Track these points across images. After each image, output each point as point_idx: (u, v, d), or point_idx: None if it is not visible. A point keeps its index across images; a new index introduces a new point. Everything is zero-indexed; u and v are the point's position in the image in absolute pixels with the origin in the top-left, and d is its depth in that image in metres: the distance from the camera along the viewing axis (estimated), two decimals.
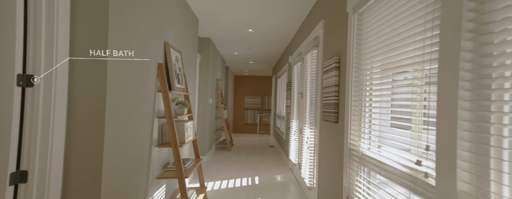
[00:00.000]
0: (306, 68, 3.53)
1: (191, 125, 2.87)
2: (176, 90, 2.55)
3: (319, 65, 2.82)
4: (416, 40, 1.18)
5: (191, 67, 3.63)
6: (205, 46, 5.11)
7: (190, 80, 3.57)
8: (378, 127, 1.63)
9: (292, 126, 4.45)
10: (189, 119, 3.08)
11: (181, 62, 2.89)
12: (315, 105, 2.96)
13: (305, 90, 3.56)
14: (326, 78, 2.41)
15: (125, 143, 1.76)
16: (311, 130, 3.05)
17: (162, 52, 2.41)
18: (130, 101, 1.80)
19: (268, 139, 8.67)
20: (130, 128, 1.82)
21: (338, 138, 2.14)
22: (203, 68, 5.11)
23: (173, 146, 2.30)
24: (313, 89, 3.13)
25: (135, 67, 1.85)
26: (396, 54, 1.36)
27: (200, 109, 5.09)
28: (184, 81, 2.94)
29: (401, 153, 1.31)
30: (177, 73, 2.68)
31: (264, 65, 8.47)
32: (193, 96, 3.89)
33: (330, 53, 2.43)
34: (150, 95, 2.16)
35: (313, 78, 3.08)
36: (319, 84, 2.76)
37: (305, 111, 3.52)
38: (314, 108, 3.06)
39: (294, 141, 4.14)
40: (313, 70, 3.06)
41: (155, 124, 2.32)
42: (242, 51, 6.37)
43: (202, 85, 5.11)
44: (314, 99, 3.10)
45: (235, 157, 5.59)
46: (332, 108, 2.21)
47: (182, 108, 2.67)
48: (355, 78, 1.84)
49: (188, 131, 2.66)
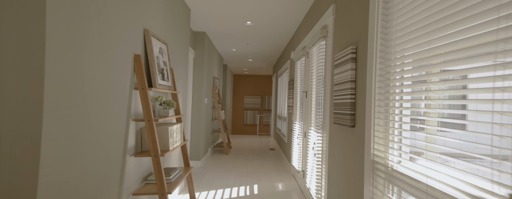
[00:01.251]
0: (311, 64, 3.12)
1: (179, 129, 2.46)
2: (160, 88, 2.15)
3: (328, 59, 2.41)
4: (500, 16, 0.77)
5: (181, 62, 3.22)
6: (199, 41, 4.71)
7: (180, 77, 3.16)
8: (413, 134, 1.22)
9: (294, 128, 4.04)
10: (177, 122, 2.67)
11: (167, 55, 2.48)
12: (323, 105, 2.55)
13: (310, 88, 3.15)
14: (338, 73, 2.00)
15: (82, 155, 1.35)
16: (318, 134, 2.64)
17: (140, 41, 2.00)
18: (88, 100, 1.39)
19: (268, 141, 8.27)
20: (90, 135, 1.41)
21: (355, 146, 1.72)
22: (197, 65, 4.70)
23: (152, 155, 1.89)
24: (319, 86, 2.72)
25: (97, 56, 1.44)
26: (461, 37, 0.94)
27: (194, 109, 4.69)
28: (171, 77, 2.53)
29: (468, 177, 0.90)
30: (161, 68, 2.28)
31: (264, 63, 8.07)
32: (185, 95, 3.48)
33: (344, 43, 2.02)
34: (123, 93, 1.75)
35: (320, 74, 2.68)
36: (328, 81, 2.35)
37: (310, 112, 3.11)
38: (321, 109, 2.65)
39: (297, 145, 3.73)
40: (320, 65, 2.65)
41: (132, 128, 1.91)
42: (240, 48, 5.96)
43: (197, 83, 4.70)
44: (321, 98, 2.69)
45: (232, 162, 5.18)
46: (346, 109, 1.80)
47: (167, 109, 2.26)
48: (381, 70, 1.43)
49: (174, 136, 2.25)
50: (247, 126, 11.11)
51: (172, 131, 2.20)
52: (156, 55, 2.19)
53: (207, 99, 5.17)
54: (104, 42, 1.51)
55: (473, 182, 0.86)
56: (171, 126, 2.21)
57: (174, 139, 2.26)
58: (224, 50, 6.35)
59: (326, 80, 2.47)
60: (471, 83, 0.86)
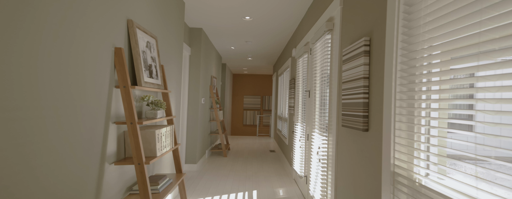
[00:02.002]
0: (315, 61, 2.88)
1: (169, 132, 2.22)
2: (146, 86, 1.91)
3: (334, 54, 2.17)
4: None
5: (174, 59, 2.98)
6: (196, 38, 4.47)
7: (173, 75, 2.92)
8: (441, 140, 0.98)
9: (296, 130, 3.80)
10: (169, 124, 2.44)
11: (156, 50, 2.25)
12: (329, 105, 2.31)
13: (313, 88, 2.91)
14: (347, 69, 1.76)
15: (40, 168, 1.11)
16: (323, 137, 2.40)
17: (123, 33, 1.76)
18: (49, 100, 1.16)
19: (268, 142, 8.03)
20: (55, 142, 1.17)
21: (369, 153, 1.49)
22: (194, 63, 4.46)
23: (136, 162, 1.65)
24: (324, 85, 2.48)
25: (60, 47, 1.20)
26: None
27: (190, 110, 4.45)
28: (161, 75, 2.30)
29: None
30: (148, 64, 2.04)
31: (264, 61, 7.83)
32: (178, 94, 3.24)
33: (354, 35, 1.78)
34: (100, 92, 1.52)
35: (325, 71, 2.44)
36: (334, 79, 2.12)
37: (313, 113, 2.87)
38: (327, 110, 2.41)
39: (299, 148, 3.49)
40: (325, 61, 2.41)
41: (112, 132, 1.67)
42: (239, 45, 5.72)
43: (193, 82, 4.46)
44: (326, 98, 2.45)
45: (231, 165, 4.94)
46: (358, 110, 1.56)
47: (155, 110, 2.02)
48: (403, 64, 1.19)
49: (162, 140, 2.01)
50: (247, 126, 10.88)
51: (160, 134, 1.96)
52: (142, 50, 1.95)
53: (204, 99, 4.93)
54: (71, 31, 1.27)
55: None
56: (160, 129, 1.97)
57: (163, 144, 2.02)
58: (222, 48, 6.11)
59: (332, 77, 2.23)
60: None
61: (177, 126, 3.20)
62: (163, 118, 2.12)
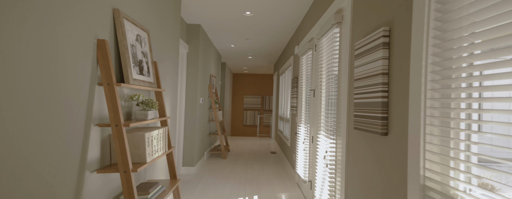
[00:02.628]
0: (320, 57, 2.68)
1: (162, 134, 2.02)
2: (136, 84, 1.71)
3: (343, 49, 1.97)
4: None
5: (170, 56, 2.78)
6: (194, 35, 4.27)
7: (168, 72, 2.72)
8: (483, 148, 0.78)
9: (299, 132, 3.60)
10: (162, 125, 2.24)
11: (148, 45, 2.05)
12: (337, 105, 2.11)
13: (319, 86, 2.71)
14: (361, 65, 1.56)
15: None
16: (331, 140, 2.20)
17: (108, 23, 1.56)
18: (17, 99, 0.96)
19: (269, 143, 7.83)
20: (15, 150, 0.97)
21: (390, 160, 1.28)
22: (191, 61, 4.26)
23: (121, 170, 1.45)
24: (331, 84, 2.28)
25: (32, 39, 1.00)
26: None
27: (188, 110, 4.25)
28: (153, 72, 2.10)
29: None
30: (138, 59, 1.84)
31: (264, 60, 7.64)
32: (174, 94, 3.04)
33: (368, 26, 1.58)
34: (79, 90, 1.32)
35: (332, 68, 2.24)
36: (344, 76, 1.92)
37: (319, 113, 2.67)
38: (335, 110, 2.21)
39: (303, 151, 3.29)
40: (333, 57, 2.21)
41: (95, 136, 1.47)
42: (239, 43, 5.52)
43: (191, 81, 4.26)
44: (333, 98, 2.25)
45: (230, 167, 4.74)
46: (375, 110, 1.36)
47: (146, 110, 1.82)
48: (435, 56, 0.99)
49: (154, 144, 1.81)
50: (247, 127, 10.69)
51: (151, 138, 1.76)
52: (131, 43, 1.75)
53: (203, 98, 4.74)
54: (45, 19, 1.07)
55: None
56: (151, 132, 1.76)
57: (154, 148, 1.82)
58: (221, 47, 5.92)
59: (341, 75, 2.03)
60: None
61: (172, 127, 3.00)
62: (156, 119, 1.92)
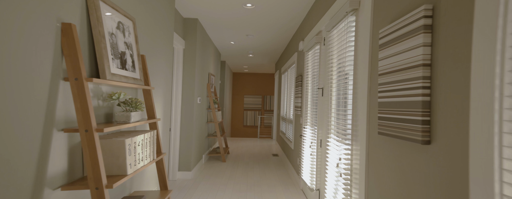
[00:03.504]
0: (330, 52, 2.39)
1: (149, 140, 1.73)
2: (115, 79, 1.42)
3: (361, 40, 1.68)
4: None
5: (161, 50, 2.50)
6: (191, 30, 3.98)
7: (159, 69, 2.43)
8: None
9: (305, 134, 3.31)
10: (151, 129, 1.95)
11: (133, 36, 1.76)
12: (353, 106, 1.82)
13: (328, 84, 2.42)
14: (389, 56, 1.27)
15: None
16: (345, 146, 1.91)
17: (79, 5, 1.27)
18: None
19: (271, 144, 7.54)
20: None
21: (435, 178, 0.99)
22: (188, 58, 3.97)
23: (92, 187, 1.16)
24: (343, 81, 1.99)
25: None
26: None
27: (184, 110, 3.96)
28: (139, 67, 1.81)
29: None
30: (120, 51, 1.55)
31: (265, 59, 7.35)
32: (168, 93, 2.76)
33: (398, 8, 1.29)
34: (35, 87, 1.03)
35: (346, 63, 1.95)
36: (362, 71, 1.63)
37: (328, 114, 2.38)
38: (349, 111, 1.92)
39: (310, 156, 3.00)
40: (347, 50, 1.92)
41: (59, 143, 1.18)
42: (239, 40, 5.23)
43: (187, 79, 3.97)
44: (348, 97, 1.96)
45: (230, 171, 4.45)
46: (412, 112, 1.07)
47: (128, 112, 1.53)
48: None
49: (137, 152, 1.52)
50: (247, 127, 10.40)
51: (133, 145, 1.46)
52: (110, 31, 1.46)
53: (200, 98, 4.45)
54: None
55: None
56: (134, 137, 1.47)
57: (138, 156, 1.53)
58: (221, 44, 5.63)
59: (358, 70, 1.74)
60: None
61: (164, 130, 2.71)
62: (142, 121, 1.64)
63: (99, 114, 1.47)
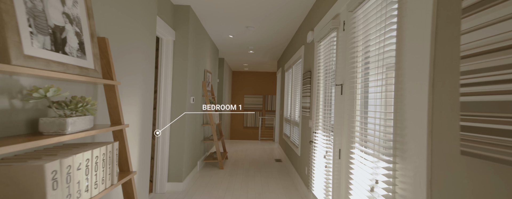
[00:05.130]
0: (354, 37, 1.86)
1: (106, 157, 1.19)
2: (32, 65, 0.88)
3: (415, 11, 1.14)
4: None
5: (139, 38, 1.96)
6: (182, 19, 3.44)
7: (135, 61, 1.90)
8: None
9: (316, 141, 2.78)
10: (116, 138, 1.42)
11: (84, 6, 1.23)
12: (397, 108, 1.28)
13: (351, 79, 1.88)
14: (486, 25, 0.73)
15: None
16: (385, 164, 1.38)
17: None
18: None
19: (273, 148, 7.00)
20: None
21: None
22: (179, 51, 3.44)
23: None
24: (376, 74, 1.45)
25: None
26: None
27: (174, 112, 3.43)
28: (94, 53, 1.27)
29: None
30: (53, 25, 1.02)
31: (267, 55, 6.81)
32: (148, 91, 2.23)
33: None
34: None
35: (383, 49, 1.41)
36: (417, 56, 1.09)
37: (352, 118, 1.85)
38: (390, 116, 1.38)
39: (325, 168, 2.46)
40: (386, 30, 1.39)
41: None
42: (239, 33, 4.70)
43: (178, 76, 3.44)
44: (378, 95, 1.42)
45: (228, 180, 3.91)
46: None
47: (63, 119, 0.99)
48: None
49: (77, 180, 0.99)
50: (247, 129, 9.87)
51: (67, 170, 0.93)
52: None
53: (194, 98, 3.91)
54: None
55: None
56: (69, 158, 0.94)
57: (82, 185, 0.99)
58: (218, 37, 5.09)
59: (407, 56, 1.20)
60: None
61: (143, 138, 2.19)
62: (93, 130, 1.11)
63: (15, 122, 0.94)
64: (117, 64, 1.69)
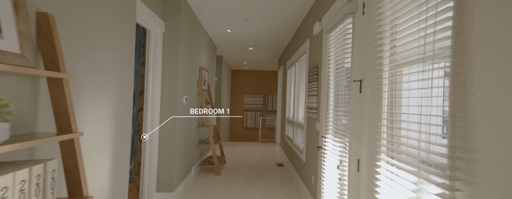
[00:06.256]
0: (378, 21, 1.47)
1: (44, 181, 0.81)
2: None
3: None
4: None
5: (111, 23, 1.58)
6: (173, 9, 3.06)
7: (105, 52, 1.52)
8: None
9: (326, 147, 2.39)
10: (64, 154, 1.04)
11: None
12: (463, 107, 0.90)
13: (376, 73, 1.50)
14: None
15: None
16: (436, 188, 0.99)
17: None
18: None
19: (274, 150, 6.62)
20: None
21: None
22: (170, 45, 3.05)
23: None
24: (416, 66, 1.07)
25: None
26: None
27: (164, 113, 3.04)
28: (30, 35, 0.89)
29: None
30: None
31: (268, 52, 6.43)
32: (129, 88, 1.85)
33: None
34: None
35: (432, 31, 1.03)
36: None
37: (377, 122, 1.47)
38: (440, 120, 1.00)
39: (337, 180, 2.08)
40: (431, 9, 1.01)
41: None
42: (237, 26, 4.31)
43: (169, 72, 3.06)
44: (436, 92, 1.04)
45: (225, 189, 3.53)
46: None
47: None
48: None
49: None
50: (247, 129, 9.49)
51: None
52: None
53: (187, 97, 3.53)
54: None
55: None
56: None
57: None
58: (216, 32, 4.71)
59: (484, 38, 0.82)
60: None
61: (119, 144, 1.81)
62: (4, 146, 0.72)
63: None
64: (77, 56, 1.31)
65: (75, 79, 1.32)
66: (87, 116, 1.42)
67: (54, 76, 0.99)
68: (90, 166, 1.47)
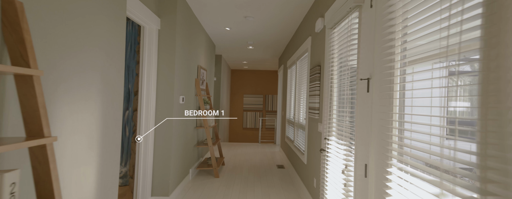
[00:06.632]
0: (389, 15, 1.34)
1: None
2: None
3: None
4: None
5: (98, 13, 1.45)
6: (169, 4, 2.93)
7: (90, 46, 1.40)
8: None
9: (329, 150, 2.26)
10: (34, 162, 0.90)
11: None
12: (499, 109, 0.76)
13: (386, 71, 1.37)
14: None
15: None
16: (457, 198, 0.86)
17: None
18: None
19: (274, 151, 6.49)
20: None
21: None
22: (165, 43, 2.92)
23: None
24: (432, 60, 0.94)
25: None
26: None
27: (159, 113, 2.91)
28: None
29: None
30: None
31: (268, 52, 6.30)
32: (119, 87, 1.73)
33: None
34: None
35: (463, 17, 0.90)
36: None
37: (388, 125, 1.34)
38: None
39: (342, 186, 1.94)
40: None
41: None
42: (236, 24, 4.18)
43: (164, 71, 2.93)
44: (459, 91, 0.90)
45: (223, 192, 3.40)
46: None
47: None
48: None
49: None
50: (247, 130, 9.36)
51: None
52: None
53: (184, 97, 3.40)
54: None
55: None
56: None
57: None
58: (214, 31, 4.58)
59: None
60: None
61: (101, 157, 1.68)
62: None
63: None
64: (58, 53, 1.18)
65: (57, 80, 1.19)
66: (68, 120, 1.29)
67: (22, 72, 0.86)
68: (69, 176, 1.34)
